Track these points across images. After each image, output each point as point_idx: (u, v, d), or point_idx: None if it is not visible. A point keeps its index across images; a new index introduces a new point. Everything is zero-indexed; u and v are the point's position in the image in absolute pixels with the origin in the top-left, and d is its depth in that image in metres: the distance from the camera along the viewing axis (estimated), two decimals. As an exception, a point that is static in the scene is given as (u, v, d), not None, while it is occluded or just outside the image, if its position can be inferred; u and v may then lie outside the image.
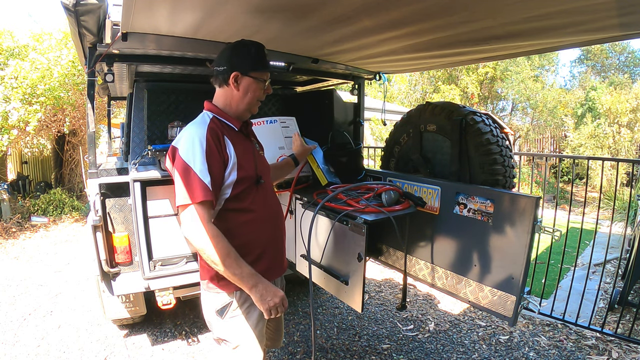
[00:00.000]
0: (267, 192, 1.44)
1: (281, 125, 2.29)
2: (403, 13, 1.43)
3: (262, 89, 1.37)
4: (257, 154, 1.45)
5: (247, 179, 1.33)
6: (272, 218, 1.45)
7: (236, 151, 1.31)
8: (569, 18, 1.37)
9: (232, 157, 1.29)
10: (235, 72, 1.31)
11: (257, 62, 1.34)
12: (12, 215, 5.79)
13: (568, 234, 2.82)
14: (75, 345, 2.63)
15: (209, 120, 1.31)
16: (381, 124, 4.00)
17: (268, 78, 1.39)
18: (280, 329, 1.73)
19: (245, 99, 1.35)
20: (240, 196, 1.32)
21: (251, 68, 1.32)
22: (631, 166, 6.44)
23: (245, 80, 1.33)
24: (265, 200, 1.41)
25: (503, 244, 1.53)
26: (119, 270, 2.09)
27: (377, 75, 2.78)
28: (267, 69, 1.38)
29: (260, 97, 1.38)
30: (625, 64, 15.99)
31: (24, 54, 5.75)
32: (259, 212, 1.37)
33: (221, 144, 1.27)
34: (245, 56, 1.33)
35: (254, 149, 1.44)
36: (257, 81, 1.34)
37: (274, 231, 1.46)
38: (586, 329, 2.77)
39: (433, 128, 2.02)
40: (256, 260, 1.35)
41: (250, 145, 1.43)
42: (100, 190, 2.00)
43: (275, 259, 1.48)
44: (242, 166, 1.31)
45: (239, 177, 1.30)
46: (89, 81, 1.94)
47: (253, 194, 1.35)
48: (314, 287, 2.97)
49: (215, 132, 1.28)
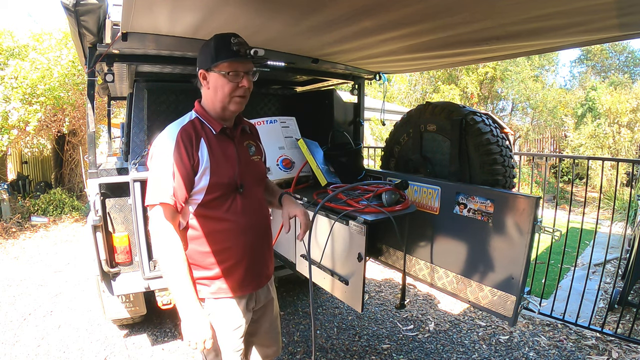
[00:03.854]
0: (251, 201, 1.32)
1: (281, 125, 2.30)
2: (403, 13, 1.43)
3: (231, 82, 1.21)
4: (244, 160, 1.33)
5: (222, 186, 1.24)
6: (253, 229, 1.32)
7: (211, 155, 1.23)
8: (569, 18, 1.37)
9: (203, 162, 1.21)
10: (201, 69, 1.24)
11: (218, 54, 1.19)
12: (12, 215, 5.79)
13: (568, 234, 2.82)
14: (75, 345, 2.63)
15: (188, 120, 1.26)
16: (381, 124, 4.00)
17: (241, 70, 1.22)
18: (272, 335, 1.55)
19: (217, 97, 1.24)
20: (214, 203, 1.24)
21: (212, 62, 1.20)
22: (631, 166, 6.43)
23: (211, 77, 1.23)
24: (246, 209, 1.30)
25: (503, 244, 1.53)
26: (119, 270, 2.09)
27: (377, 75, 2.78)
28: (231, 59, 1.19)
29: (235, 92, 1.23)
30: (625, 64, 15.98)
31: (24, 54, 5.75)
32: (237, 222, 1.27)
33: (193, 147, 1.20)
34: (206, 51, 1.23)
35: (242, 154, 1.33)
36: (224, 75, 1.20)
37: (254, 243, 1.34)
38: (586, 329, 2.77)
39: (433, 128, 2.02)
40: (228, 271, 1.29)
41: (235, 149, 1.30)
42: (100, 190, 2.00)
43: (253, 272, 1.35)
44: (215, 172, 1.23)
45: (212, 183, 1.22)
46: (89, 81, 1.94)
47: (230, 202, 1.26)
48: (314, 287, 2.97)
49: (189, 133, 1.21)
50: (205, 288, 1.29)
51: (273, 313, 1.52)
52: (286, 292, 3.42)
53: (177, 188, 1.18)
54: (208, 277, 1.29)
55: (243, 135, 1.39)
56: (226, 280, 1.29)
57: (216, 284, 1.29)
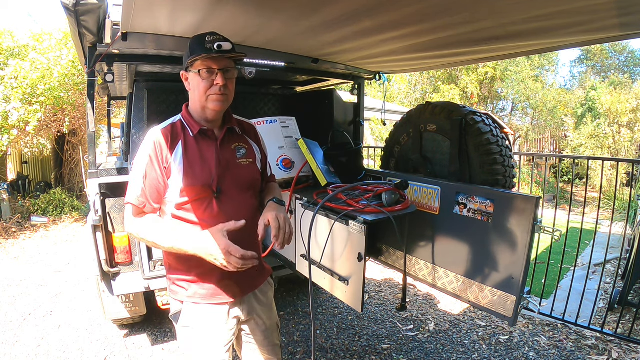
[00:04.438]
0: (230, 207, 1.25)
1: (281, 125, 2.29)
2: (403, 14, 1.43)
3: (206, 80, 1.18)
4: (226, 163, 1.27)
5: (196, 189, 1.21)
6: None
7: (184, 158, 1.21)
8: (569, 18, 1.37)
9: (176, 164, 1.20)
10: (182, 71, 1.26)
11: (192, 53, 1.18)
12: (12, 215, 5.79)
13: (568, 234, 2.82)
14: (75, 345, 2.63)
15: (170, 122, 1.26)
16: (381, 124, 4.00)
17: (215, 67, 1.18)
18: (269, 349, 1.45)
19: (196, 96, 1.23)
20: (188, 207, 1.22)
21: (187, 61, 1.20)
22: (631, 166, 6.43)
23: (190, 77, 1.23)
24: (223, 215, 1.22)
25: (503, 244, 1.53)
26: (119, 270, 2.09)
27: (377, 75, 2.78)
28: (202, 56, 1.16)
29: (210, 90, 1.20)
30: (625, 64, 15.98)
31: (24, 54, 5.75)
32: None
33: (167, 148, 1.20)
34: (186, 52, 1.23)
35: (224, 157, 1.27)
36: (198, 73, 1.19)
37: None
38: (586, 329, 2.77)
39: (433, 128, 2.02)
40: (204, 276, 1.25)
41: (215, 152, 1.25)
42: (100, 190, 2.00)
43: (233, 280, 1.27)
44: (189, 174, 1.20)
45: (184, 186, 1.19)
46: (89, 81, 1.94)
47: (206, 206, 1.22)
48: (314, 287, 2.97)
49: (165, 136, 1.21)
50: (183, 291, 1.28)
51: (266, 325, 1.42)
52: (286, 292, 3.42)
53: (148, 190, 1.20)
54: (185, 279, 1.28)
55: (230, 137, 1.33)
56: (203, 285, 1.27)
57: (193, 287, 1.27)
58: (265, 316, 1.42)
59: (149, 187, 1.20)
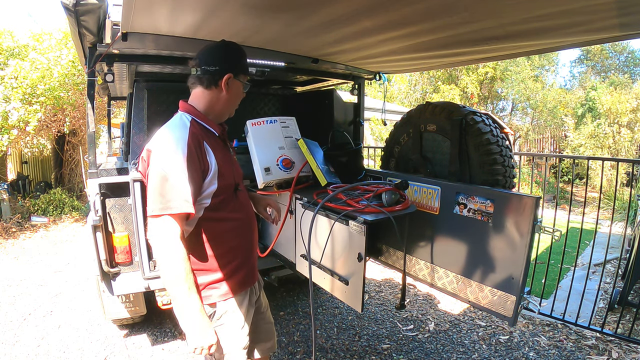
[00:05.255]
0: (245, 198, 1.43)
1: (281, 125, 2.29)
2: (403, 13, 1.43)
3: (241, 93, 1.36)
4: (233, 160, 1.42)
5: (228, 187, 1.28)
6: (250, 223, 1.42)
7: (217, 159, 1.24)
8: (569, 18, 1.37)
9: (212, 166, 1.22)
10: (229, 73, 1.26)
11: (244, 65, 1.34)
12: (12, 215, 5.79)
13: (568, 234, 2.82)
14: (75, 345, 2.63)
15: (189, 123, 1.22)
16: (381, 124, 4.00)
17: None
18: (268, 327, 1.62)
19: (231, 102, 1.32)
20: (221, 205, 1.26)
21: (242, 71, 1.32)
22: (631, 166, 6.44)
23: (234, 83, 1.30)
24: (242, 206, 1.38)
25: (503, 244, 1.53)
26: (119, 270, 2.09)
27: (377, 75, 2.78)
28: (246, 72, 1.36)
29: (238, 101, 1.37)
30: (625, 64, 15.99)
31: (24, 54, 5.75)
32: (241, 219, 1.36)
33: (202, 151, 1.20)
34: (238, 58, 1.31)
35: (231, 155, 1.41)
36: (243, 85, 1.34)
37: (252, 236, 1.44)
38: (586, 329, 2.77)
39: (433, 128, 2.02)
40: (236, 269, 1.33)
41: (228, 151, 1.38)
42: (100, 190, 2.00)
43: (253, 265, 1.46)
44: (222, 175, 1.25)
45: (220, 186, 1.24)
46: (89, 81, 1.94)
47: (232, 202, 1.32)
48: (314, 287, 2.97)
49: (197, 137, 1.20)
50: (216, 291, 1.29)
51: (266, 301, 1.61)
52: (286, 292, 3.42)
53: (194, 196, 1.15)
54: (217, 279, 1.29)
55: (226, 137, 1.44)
56: (234, 279, 1.32)
57: (225, 285, 1.31)
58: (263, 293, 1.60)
59: (193, 193, 1.14)
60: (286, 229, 2.09)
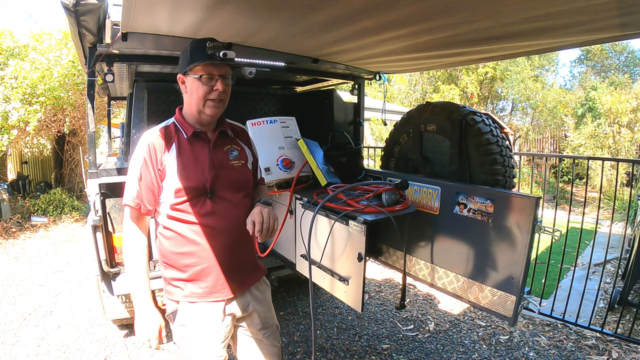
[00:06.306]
0: (223, 206, 1.29)
1: (281, 125, 2.29)
2: (403, 13, 1.43)
3: (205, 85, 1.23)
4: (220, 164, 1.30)
5: (190, 190, 1.24)
6: (225, 234, 1.30)
7: (179, 159, 1.24)
8: (569, 18, 1.37)
9: (170, 165, 1.24)
10: (179, 74, 1.28)
11: (193, 58, 1.22)
12: (12, 215, 5.79)
13: (568, 234, 2.82)
14: (75, 345, 2.63)
15: (164, 125, 1.30)
16: (381, 124, 4.00)
17: (216, 73, 1.23)
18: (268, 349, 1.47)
19: (193, 100, 1.26)
20: (184, 206, 1.26)
21: (187, 66, 1.23)
22: (631, 166, 6.43)
23: (188, 80, 1.26)
24: (216, 214, 1.28)
25: (503, 244, 1.53)
26: (119, 270, 2.09)
27: (377, 75, 2.79)
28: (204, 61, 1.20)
29: (209, 95, 1.24)
30: (625, 64, 15.99)
31: (24, 54, 5.75)
32: (206, 225, 1.27)
33: (162, 151, 1.24)
34: (184, 56, 1.26)
35: (217, 159, 1.30)
36: (198, 78, 1.22)
37: (228, 248, 1.31)
38: (586, 329, 2.77)
39: (433, 128, 2.02)
40: (200, 274, 1.28)
41: (208, 154, 1.29)
42: (100, 190, 2.00)
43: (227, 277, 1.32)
44: (184, 176, 1.24)
45: (179, 187, 1.24)
46: (89, 81, 1.94)
47: (201, 206, 1.26)
48: (314, 287, 2.97)
49: (159, 138, 1.25)
50: (179, 291, 1.30)
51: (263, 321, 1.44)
52: (286, 292, 3.42)
53: (143, 191, 1.24)
54: (181, 279, 1.29)
55: (223, 139, 1.37)
56: (199, 283, 1.29)
57: (189, 287, 1.29)
58: (263, 314, 1.44)
59: (144, 188, 1.24)
60: (286, 229, 2.09)
